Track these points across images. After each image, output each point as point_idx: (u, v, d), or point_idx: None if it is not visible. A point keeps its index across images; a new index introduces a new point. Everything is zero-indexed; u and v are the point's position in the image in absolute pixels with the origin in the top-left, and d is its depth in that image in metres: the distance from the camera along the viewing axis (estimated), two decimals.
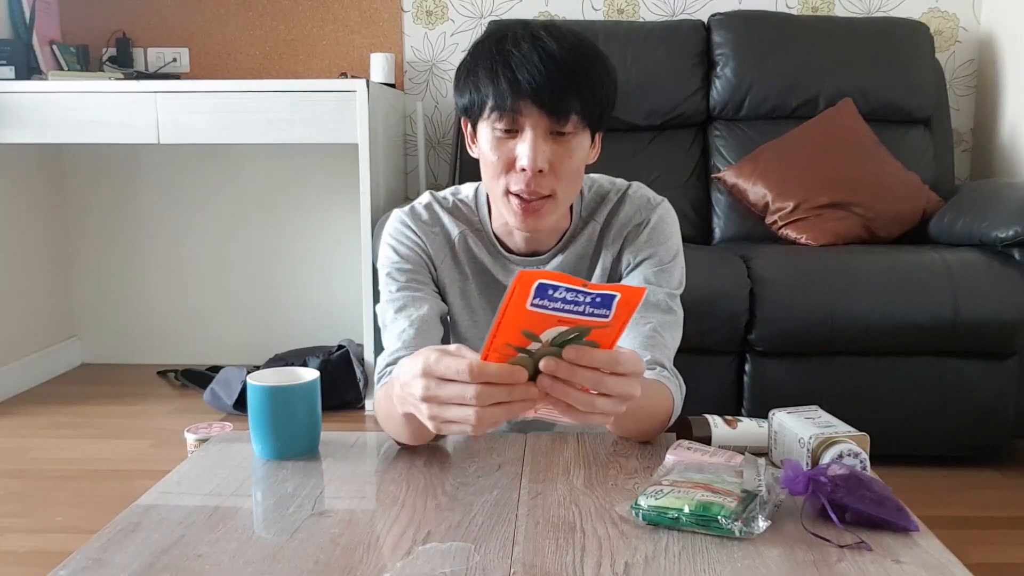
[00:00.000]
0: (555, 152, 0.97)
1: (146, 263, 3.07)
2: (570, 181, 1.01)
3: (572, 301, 0.68)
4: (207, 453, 1.02)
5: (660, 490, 0.80)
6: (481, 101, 0.98)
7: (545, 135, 0.97)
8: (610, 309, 0.69)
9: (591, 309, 0.68)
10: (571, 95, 0.95)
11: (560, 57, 0.94)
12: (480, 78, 0.98)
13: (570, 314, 0.68)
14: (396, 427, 0.96)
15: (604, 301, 0.68)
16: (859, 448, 0.86)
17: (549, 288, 0.67)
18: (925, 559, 0.73)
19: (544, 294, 0.67)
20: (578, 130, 0.98)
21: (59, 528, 1.78)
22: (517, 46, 0.95)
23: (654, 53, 2.60)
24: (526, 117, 0.96)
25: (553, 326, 0.69)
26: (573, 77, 0.94)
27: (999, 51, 2.73)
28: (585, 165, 1.04)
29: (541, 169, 0.96)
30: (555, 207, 1.01)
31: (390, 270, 1.11)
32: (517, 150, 0.97)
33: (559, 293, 0.67)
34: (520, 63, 0.94)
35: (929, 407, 2.02)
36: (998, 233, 2.03)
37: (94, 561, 0.74)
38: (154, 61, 2.95)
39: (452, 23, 2.88)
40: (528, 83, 0.93)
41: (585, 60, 0.96)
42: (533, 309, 0.68)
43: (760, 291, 2.00)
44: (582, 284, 0.67)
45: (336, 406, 2.54)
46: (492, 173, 1.01)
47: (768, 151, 2.51)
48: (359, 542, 0.77)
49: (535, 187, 0.98)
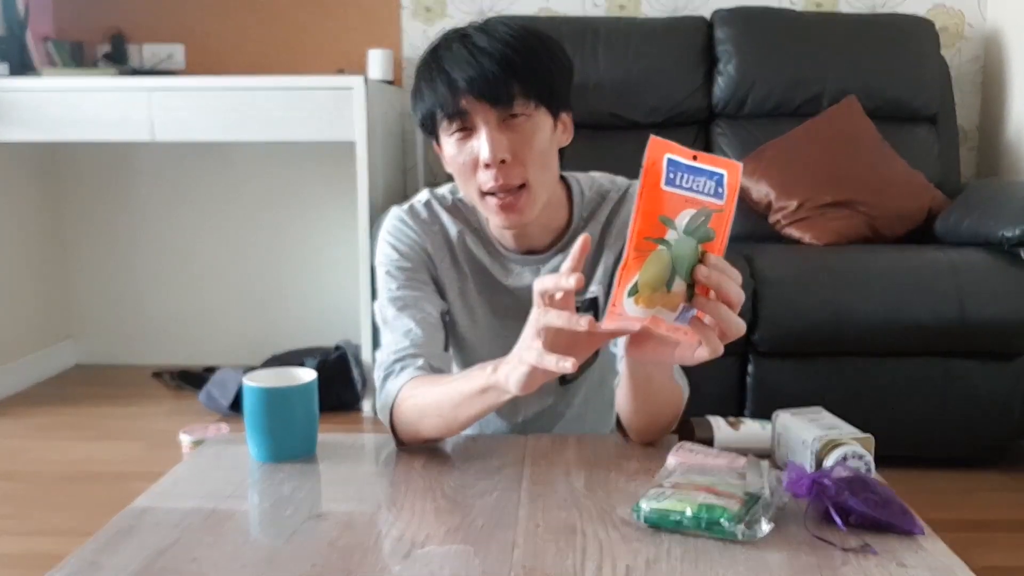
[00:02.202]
0: (513, 140, 0.98)
1: (141, 263, 3.06)
2: (539, 165, 1.00)
3: (696, 180, 0.70)
4: (203, 455, 1.02)
5: (662, 492, 0.79)
6: (430, 111, 1.00)
7: (498, 125, 0.97)
8: (723, 188, 0.70)
9: (711, 188, 0.70)
10: (508, 78, 0.95)
11: (490, 47, 0.96)
12: (423, 90, 1.00)
13: (697, 194, 0.70)
14: (441, 417, 0.95)
15: (719, 180, 0.70)
16: (863, 450, 0.85)
17: (676, 166, 0.69)
18: (930, 563, 0.72)
19: (674, 171, 0.69)
20: (530, 111, 0.98)
21: (54, 530, 1.77)
22: (448, 49, 0.98)
23: (656, 49, 2.59)
24: (473, 113, 0.97)
25: (683, 208, 0.70)
26: (506, 61, 0.95)
27: (1005, 48, 2.72)
28: (560, 148, 1.04)
29: (503, 160, 0.97)
30: (532, 197, 1.00)
31: (389, 268, 1.10)
32: (476, 147, 0.98)
33: (684, 171, 0.70)
34: (452, 63, 0.96)
35: (934, 408, 2.01)
36: (1004, 232, 2.01)
37: (89, 564, 0.73)
38: (149, 58, 2.93)
39: (451, 19, 2.87)
40: (463, 79, 0.95)
41: (517, 43, 0.97)
42: (667, 189, 0.69)
43: (763, 291, 1.98)
44: (692, 156, 0.70)
45: (333, 407, 2.53)
46: (463, 178, 1.02)
47: (771, 149, 2.50)
48: (357, 545, 0.76)
49: (504, 180, 0.98)
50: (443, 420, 0.96)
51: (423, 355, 1.02)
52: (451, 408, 0.93)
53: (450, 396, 0.93)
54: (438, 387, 0.96)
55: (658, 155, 0.69)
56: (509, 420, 1.18)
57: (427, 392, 0.96)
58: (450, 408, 0.93)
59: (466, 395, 0.91)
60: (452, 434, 0.99)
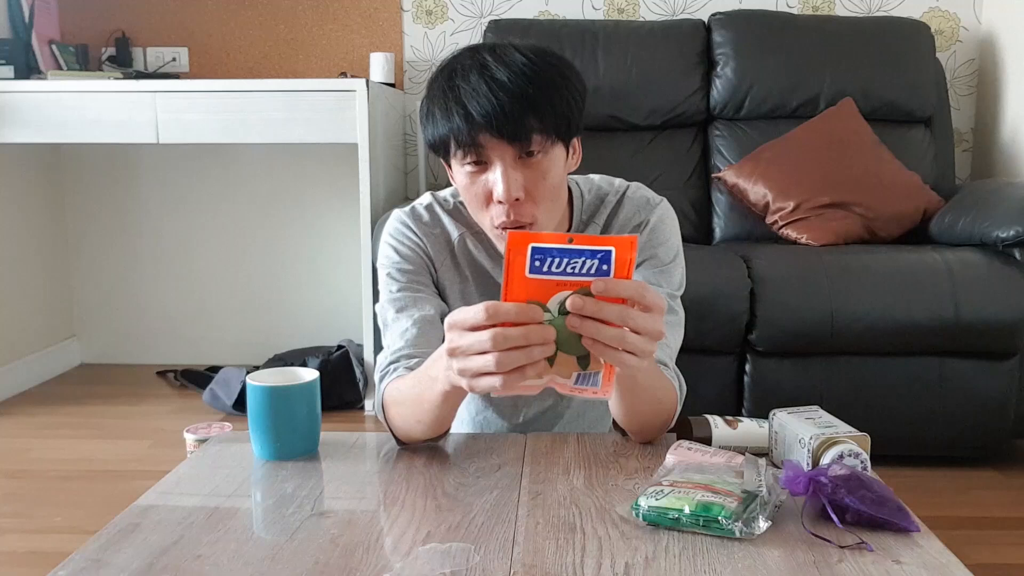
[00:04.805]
0: (528, 177, 0.96)
1: (145, 263, 3.07)
2: (549, 202, 1.00)
3: (572, 262, 0.69)
4: (206, 453, 1.02)
5: (660, 490, 0.80)
6: (444, 140, 0.98)
7: (514, 162, 0.96)
8: (609, 264, 0.70)
9: (593, 267, 0.70)
10: (527, 117, 0.93)
11: (510, 81, 0.93)
12: (437, 117, 0.97)
13: (572, 276, 0.69)
14: (414, 417, 0.96)
15: (603, 258, 0.69)
16: (860, 448, 0.86)
17: (544, 252, 0.68)
18: (926, 560, 0.73)
19: (541, 258, 0.68)
20: (546, 148, 0.97)
21: (58, 529, 1.78)
22: (465, 79, 0.94)
23: (654, 53, 2.60)
24: (490, 149, 0.95)
25: (556, 291, 0.70)
26: (525, 99, 0.93)
27: (1000, 51, 2.73)
28: (568, 172, 1.04)
29: (518, 198, 0.96)
30: (539, 230, 1.00)
31: (390, 270, 1.11)
32: (491, 182, 0.97)
33: (554, 255, 0.69)
34: (470, 96, 0.93)
35: (930, 407, 2.01)
36: (999, 233, 2.02)
37: (93, 562, 0.73)
38: (153, 61, 2.94)
39: (452, 22, 2.88)
40: (481, 115, 0.92)
41: (536, 77, 0.94)
42: (533, 276, 0.69)
43: (760, 291, 2.00)
44: (567, 240, 0.69)
45: (336, 406, 2.54)
46: (476, 208, 1.02)
47: (768, 151, 2.51)
48: (359, 542, 0.77)
49: (516, 217, 0.97)
50: (419, 420, 0.96)
51: (418, 355, 1.02)
52: (426, 409, 0.94)
53: (416, 395, 0.94)
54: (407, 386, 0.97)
55: (518, 246, 0.69)
56: (509, 420, 1.19)
57: (401, 390, 0.98)
58: (425, 409, 0.94)
59: (426, 401, 0.92)
60: (436, 433, 0.99)
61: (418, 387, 0.93)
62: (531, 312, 0.71)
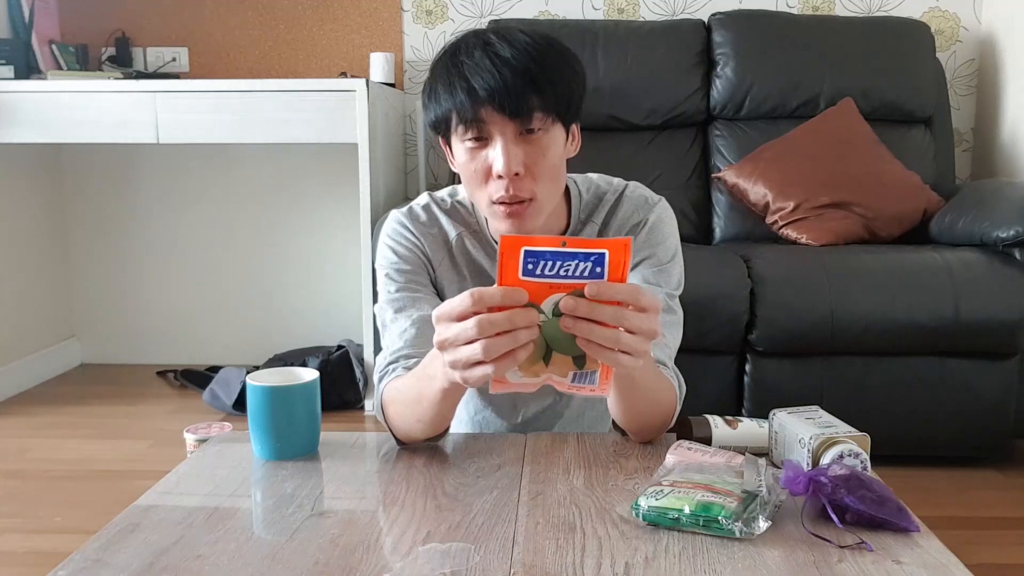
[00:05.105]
0: (528, 153, 0.97)
1: (145, 263, 3.07)
2: (548, 179, 1.00)
3: (564, 265, 0.69)
4: (206, 453, 1.02)
5: (660, 490, 0.80)
6: (445, 116, 0.99)
7: (515, 137, 0.97)
8: (603, 267, 0.70)
9: (586, 270, 0.70)
10: (529, 93, 0.94)
11: (513, 58, 0.94)
12: (440, 93, 0.99)
13: (564, 279, 0.69)
14: (413, 416, 0.96)
15: (597, 260, 0.69)
16: (860, 448, 0.86)
17: (537, 255, 0.68)
18: (926, 559, 0.73)
19: (533, 261, 0.68)
20: (547, 126, 0.98)
21: (58, 528, 1.78)
22: (469, 55, 0.96)
23: (654, 52, 2.60)
24: (491, 124, 0.96)
25: (549, 294, 0.70)
26: (528, 75, 0.94)
27: (1000, 51, 2.73)
28: (566, 159, 1.04)
29: (517, 172, 0.97)
30: (537, 209, 1.01)
31: (389, 271, 1.11)
32: (491, 157, 0.98)
33: (547, 258, 0.69)
34: (474, 71, 0.95)
35: (930, 407, 2.01)
36: (999, 233, 2.02)
37: (93, 562, 0.73)
38: (153, 61, 2.94)
39: (452, 22, 2.88)
40: (484, 90, 0.94)
41: (539, 56, 0.96)
42: (526, 279, 0.69)
43: (760, 291, 2.00)
44: (560, 243, 0.69)
45: (336, 406, 2.54)
46: (474, 185, 1.02)
47: (768, 151, 2.51)
48: (359, 542, 0.77)
49: (515, 191, 0.98)
50: (418, 419, 0.96)
51: (417, 355, 1.02)
52: (425, 408, 0.94)
53: (415, 394, 0.94)
54: (406, 385, 0.97)
55: (510, 249, 0.70)
56: (509, 420, 1.19)
57: (400, 390, 0.98)
58: (424, 408, 0.94)
59: (426, 400, 0.92)
60: (435, 432, 0.99)
61: (417, 386, 0.93)
62: (516, 295, 0.71)
